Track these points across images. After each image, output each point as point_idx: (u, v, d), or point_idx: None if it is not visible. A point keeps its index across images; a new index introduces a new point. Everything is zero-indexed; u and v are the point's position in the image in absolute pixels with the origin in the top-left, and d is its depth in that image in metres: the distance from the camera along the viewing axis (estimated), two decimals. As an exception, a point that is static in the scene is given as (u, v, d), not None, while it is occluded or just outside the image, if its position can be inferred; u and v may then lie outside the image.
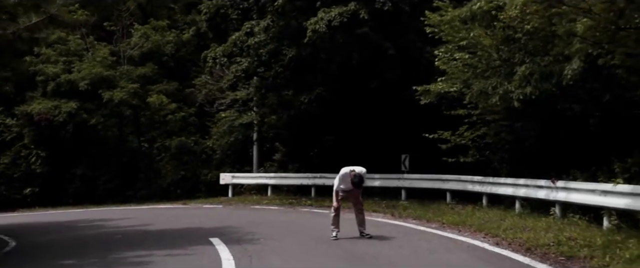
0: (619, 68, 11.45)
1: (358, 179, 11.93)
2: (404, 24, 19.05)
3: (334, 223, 12.39)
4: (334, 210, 12.59)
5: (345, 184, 12.27)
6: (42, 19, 12.91)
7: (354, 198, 12.47)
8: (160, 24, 29.79)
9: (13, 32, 12.41)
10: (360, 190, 12.42)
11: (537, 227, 12.15)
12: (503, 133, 16.59)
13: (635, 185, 11.20)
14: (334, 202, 12.57)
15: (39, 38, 14.84)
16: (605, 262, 8.66)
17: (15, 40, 12.69)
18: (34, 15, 12.71)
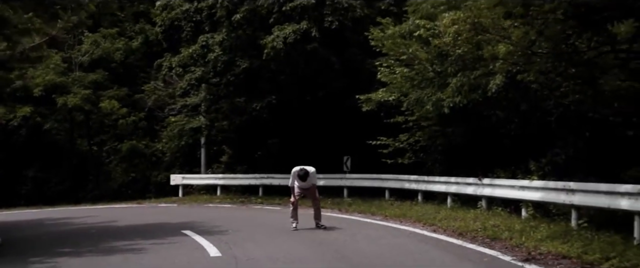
0: (533, 83, 13.68)
1: (303, 172, 13.79)
2: (347, 39, 21.13)
3: (293, 216, 14.17)
4: (291, 204, 14.37)
5: (299, 182, 14.11)
6: (45, 39, 14.38)
7: (311, 194, 14.30)
8: (110, 32, 31.02)
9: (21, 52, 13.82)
10: (308, 184, 14.14)
11: (466, 217, 14.27)
12: (436, 137, 18.72)
13: (547, 181, 13.44)
14: (292, 197, 14.33)
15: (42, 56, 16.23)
16: (521, 241, 10.76)
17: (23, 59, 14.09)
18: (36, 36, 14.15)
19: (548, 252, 9.72)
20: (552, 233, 11.09)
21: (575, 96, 13.73)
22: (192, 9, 23.80)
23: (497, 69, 13.60)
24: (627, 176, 11.58)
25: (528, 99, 15.07)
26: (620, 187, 10.68)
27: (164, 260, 10.58)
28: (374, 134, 19.76)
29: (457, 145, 18.08)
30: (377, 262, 9.67)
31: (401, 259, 9.99)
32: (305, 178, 13.89)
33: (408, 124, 19.09)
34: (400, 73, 17.60)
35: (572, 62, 11.95)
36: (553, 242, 10.31)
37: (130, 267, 10.00)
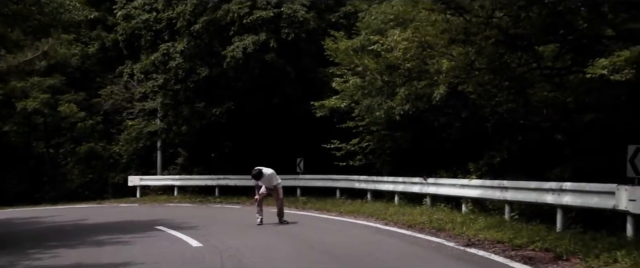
0: (472, 93, 15.50)
1: (256, 172, 15.30)
2: (302, 49, 22.74)
3: (258, 211, 15.68)
4: (255, 200, 15.85)
5: (267, 182, 15.62)
6: (37, 54, 15.56)
7: (275, 193, 15.81)
8: (66, 38, 31.84)
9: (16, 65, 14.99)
10: (267, 183, 15.60)
11: (413, 212, 16.03)
12: (385, 141, 20.44)
13: (484, 180, 15.30)
14: (256, 195, 15.83)
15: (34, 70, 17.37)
16: (462, 231, 12.52)
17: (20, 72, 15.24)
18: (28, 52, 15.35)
19: (485, 238, 11.50)
20: (488, 224, 12.90)
21: (509, 105, 15.64)
22: (152, 18, 25.08)
23: (441, 80, 15.33)
24: (551, 175, 13.43)
25: (467, 107, 16.94)
26: (546, 184, 12.56)
27: (152, 249, 11.91)
28: (327, 137, 21.33)
29: (404, 149, 19.83)
30: (341, 249, 11.24)
31: (361, 246, 11.61)
32: (258, 177, 15.38)
33: (358, 128, 20.72)
34: (353, 82, 19.26)
35: (506, 76, 13.76)
36: (489, 230, 12.10)
37: (123, 255, 11.29)
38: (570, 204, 11.79)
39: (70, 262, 10.84)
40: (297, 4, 22.29)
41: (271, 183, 15.67)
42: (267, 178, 15.58)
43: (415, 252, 10.81)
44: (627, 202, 10.17)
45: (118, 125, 31.28)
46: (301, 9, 22.11)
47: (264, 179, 15.54)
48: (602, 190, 10.96)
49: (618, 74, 8.27)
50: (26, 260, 11.17)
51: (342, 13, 23.90)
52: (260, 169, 15.40)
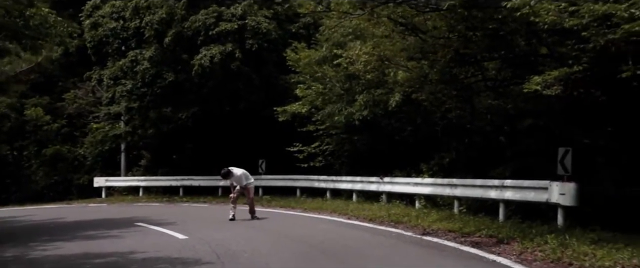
0: (425, 101, 17.30)
1: (225, 171, 16.81)
2: (264, 58, 24.30)
3: (232, 208, 17.16)
4: (230, 197, 17.34)
5: (236, 181, 17.10)
6: (31, 66, 16.77)
7: (246, 191, 17.32)
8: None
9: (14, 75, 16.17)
10: (237, 181, 17.07)
11: (372, 208, 17.75)
12: (343, 143, 22.14)
13: (436, 179, 17.13)
14: (231, 193, 17.32)
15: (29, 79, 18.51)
16: (418, 222, 14.27)
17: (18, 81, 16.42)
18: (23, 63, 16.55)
19: (438, 228, 13.27)
20: (440, 217, 14.69)
21: (457, 111, 17.51)
22: (119, 27, 26.33)
23: (397, 89, 17.13)
24: (495, 173, 15.26)
25: (420, 113, 18.77)
26: (490, 182, 14.41)
27: (145, 241, 13.25)
28: (290, 140, 22.91)
29: (361, 151, 21.57)
30: (313, 239, 12.82)
31: (331, 237, 13.23)
32: (226, 177, 16.93)
33: (319, 132, 22.36)
34: (315, 89, 20.90)
35: (455, 86, 15.59)
36: (441, 222, 13.89)
37: (122, 246, 12.62)
38: (510, 198, 13.66)
39: (76, 252, 12.13)
40: (259, 15, 23.85)
41: (241, 183, 17.15)
42: (237, 178, 17.06)
43: (379, 241, 12.49)
44: (558, 196, 12.02)
45: (82, 128, 32.25)
46: (264, 20, 23.70)
47: (234, 179, 17.02)
48: (537, 186, 12.81)
49: (549, 89, 10.05)
50: (34, 251, 12.43)
51: (301, 24, 25.57)
52: (229, 169, 16.89)
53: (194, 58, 23.36)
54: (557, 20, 9.18)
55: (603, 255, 8.85)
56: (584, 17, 8.83)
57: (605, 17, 8.69)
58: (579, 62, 9.87)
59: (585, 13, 8.78)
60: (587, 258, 8.87)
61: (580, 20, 8.88)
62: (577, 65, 9.84)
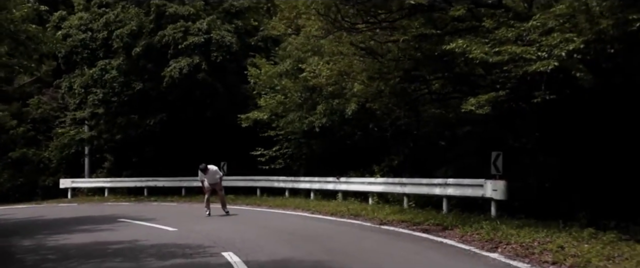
0: (377, 110, 19.83)
1: (203, 166, 19.08)
2: (227, 68, 26.50)
3: (206, 205, 19.34)
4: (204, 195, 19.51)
5: (210, 177, 19.25)
6: (32, 79, 18.62)
7: (218, 188, 19.52)
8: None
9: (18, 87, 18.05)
10: (211, 178, 19.31)
11: (331, 204, 20.17)
12: (302, 147, 24.52)
13: (387, 178, 19.69)
14: (204, 192, 19.50)
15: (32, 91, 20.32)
16: (374, 215, 16.76)
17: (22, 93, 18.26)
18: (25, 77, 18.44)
19: (393, 219, 15.78)
20: (393, 211, 17.23)
21: (405, 119, 20.07)
22: (88, 38, 28.15)
23: (353, 100, 19.60)
24: (438, 173, 17.85)
25: (373, 120, 21.29)
26: (434, 180, 17.02)
27: (140, 233, 15.25)
28: (252, 144, 25.13)
29: (318, 154, 23.99)
30: (288, 229, 15.12)
31: (302, 227, 15.59)
32: (205, 171, 19.09)
33: (278, 137, 24.68)
34: (277, 100, 23.25)
35: (404, 98, 18.16)
36: (395, 214, 16.42)
37: (120, 237, 14.61)
38: (452, 194, 16.30)
39: (86, 241, 14.15)
40: (223, 30, 26.08)
41: (214, 178, 19.36)
42: (211, 174, 19.30)
43: (345, 229, 14.95)
44: (491, 191, 14.66)
45: (47, 133, 33.80)
46: (227, 34, 25.92)
47: (209, 174, 19.24)
48: (474, 184, 15.43)
49: (481, 109, 12.64)
50: (47, 242, 14.41)
51: (260, 37, 27.87)
52: (206, 165, 19.11)
53: (164, 69, 25.40)
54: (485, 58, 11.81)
55: (525, 235, 11.45)
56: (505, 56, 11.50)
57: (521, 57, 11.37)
58: (504, 88, 12.56)
59: (506, 53, 11.45)
60: (512, 237, 11.47)
61: (503, 57, 11.54)
62: (503, 90, 12.53)
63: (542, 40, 11.40)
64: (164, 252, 11.81)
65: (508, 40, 11.95)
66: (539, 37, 11.63)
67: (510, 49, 11.39)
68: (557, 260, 9.48)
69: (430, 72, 15.80)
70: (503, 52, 11.46)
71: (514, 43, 11.85)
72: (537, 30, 11.75)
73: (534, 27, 11.79)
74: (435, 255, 10.85)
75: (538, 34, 11.71)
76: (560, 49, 10.79)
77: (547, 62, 10.88)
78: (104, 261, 11.14)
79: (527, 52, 11.14)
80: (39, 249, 13.23)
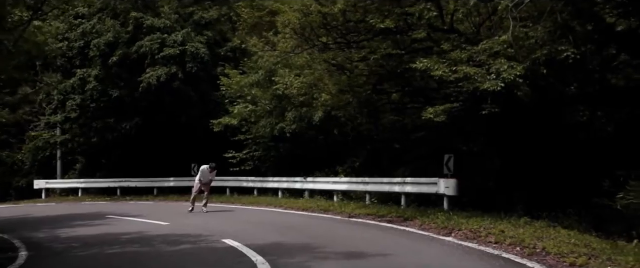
0: (342, 117, 22.23)
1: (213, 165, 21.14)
2: (200, 77, 28.58)
3: (191, 203, 21.35)
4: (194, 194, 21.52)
5: (203, 178, 21.29)
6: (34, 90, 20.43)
7: (206, 188, 21.57)
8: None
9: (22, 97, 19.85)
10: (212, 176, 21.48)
11: (300, 202, 22.41)
12: (270, 150, 26.75)
13: (351, 178, 22.07)
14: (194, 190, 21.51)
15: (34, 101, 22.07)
16: (342, 210, 19.05)
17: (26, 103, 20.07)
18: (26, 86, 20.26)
19: (360, 213, 18.14)
20: (358, 206, 19.58)
21: (366, 126, 22.51)
22: (64, 47, 29.86)
23: (320, 108, 21.93)
24: (397, 173, 20.29)
25: (337, 127, 23.67)
26: (394, 180, 19.46)
27: (138, 227, 17.19)
28: (224, 147, 27.23)
29: (285, 156, 26.24)
30: (268, 222, 17.33)
31: (281, 220, 17.78)
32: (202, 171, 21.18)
33: (248, 141, 26.86)
34: (251, 109, 25.43)
35: (367, 108, 20.57)
36: (360, 209, 18.78)
37: (123, 230, 16.52)
38: (410, 192, 18.77)
39: (95, 233, 16.07)
40: (196, 42, 28.17)
41: (207, 178, 21.35)
42: (204, 173, 21.32)
43: (319, 222, 17.25)
44: (444, 189, 17.14)
45: (20, 136, 35.28)
46: (201, 46, 28.02)
47: (202, 173, 21.26)
48: (429, 182, 17.91)
49: (438, 118, 15.11)
50: (57, 234, 16.27)
51: (229, 48, 30.02)
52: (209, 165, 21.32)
53: (143, 77, 27.34)
54: (445, 76, 14.29)
55: (473, 223, 13.91)
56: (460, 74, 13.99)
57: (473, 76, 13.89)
58: (458, 100, 15.08)
59: (461, 72, 13.95)
60: (463, 225, 13.92)
61: (459, 75, 14.03)
62: (457, 103, 15.05)
63: (490, 62, 13.92)
64: (171, 240, 13.88)
65: (462, 61, 14.44)
66: (487, 59, 14.16)
67: (465, 69, 13.87)
68: (498, 241, 11.95)
69: (393, 86, 18.22)
70: (459, 72, 13.93)
71: (467, 63, 14.34)
72: (485, 53, 14.28)
73: (483, 51, 14.32)
74: (401, 239, 13.24)
75: (486, 56, 14.24)
76: (508, 73, 13.32)
77: (495, 83, 13.41)
78: (124, 247, 13.23)
79: (478, 73, 13.63)
80: (57, 240, 15.07)
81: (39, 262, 11.90)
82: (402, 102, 20.06)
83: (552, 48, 13.57)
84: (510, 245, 11.52)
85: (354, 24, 16.32)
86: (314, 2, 15.68)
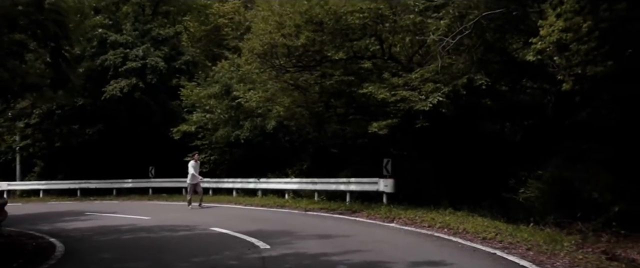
0: (293, 126, 25.75)
1: None
2: (159, 88, 31.60)
3: (188, 202, 24.28)
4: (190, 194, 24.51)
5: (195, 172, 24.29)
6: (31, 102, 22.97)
7: (198, 187, 24.54)
8: None
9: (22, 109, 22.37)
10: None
11: (256, 200, 25.80)
12: (225, 154, 30.00)
13: (301, 178, 25.60)
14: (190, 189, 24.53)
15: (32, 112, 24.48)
16: (297, 205, 22.55)
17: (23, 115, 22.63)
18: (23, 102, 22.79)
19: (313, 208, 21.70)
20: (309, 202, 23.14)
21: (313, 134, 26.12)
22: (30, 58, 32.31)
23: (273, 118, 25.38)
24: (341, 175, 23.92)
25: (288, 134, 27.19)
26: (340, 180, 23.11)
27: (122, 221, 20.00)
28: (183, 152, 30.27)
29: (239, 160, 29.56)
30: (241, 214, 20.59)
31: (247, 214, 21.09)
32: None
33: (204, 146, 30.04)
34: (208, 118, 28.67)
35: (316, 119, 24.17)
36: (312, 205, 22.34)
37: (113, 223, 19.42)
38: (354, 190, 22.44)
39: (91, 226, 19.02)
40: (155, 56, 31.19)
41: (196, 179, 24.35)
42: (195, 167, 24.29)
43: (281, 215, 20.69)
44: (383, 187, 20.87)
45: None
46: (160, 60, 31.06)
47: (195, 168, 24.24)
48: (371, 182, 21.61)
49: (381, 131, 18.87)
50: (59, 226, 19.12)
51: (183, 61, 33.13)
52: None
53: (106, 88, 30.17)
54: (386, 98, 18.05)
55: (409, 213, 17.66)
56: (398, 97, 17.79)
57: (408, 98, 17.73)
58: (396, 116, 18.87)
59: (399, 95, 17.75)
60: (402, 215, 17.64)
61: (397, 98, 17.83)
62: (395, 118, 18.84)
63: (422, 87, 17.76)
64: (167, 229, 16.98)
65: (399, 86, 18.24)
66: (419, 84, 18.00)
67: (402, 93, 17.66)
68: (431, 225, 15.74)
69: (341, 103, 21.91)
70: (397, 94, 17.71)
71: (403, 87, 18.14)
72: (417, 79, 18.11)
73: (415, 77, 18.15)
74: (355, 225, 16.88)
75: (418, 82, 18.08)
76: (434, 96, 17.18)
77: (425, 103, 17.27)
78: (133, 233, 16.37)
79: (413, 95, 17.44)
80: (66, 231, 17.68)
81: (76, 244, 14.75)
82: (345, 115, 23.68)
83: (470, 76, 17.50)
84: (440, 228, 15.30)
85: (311, 53, 19.90)
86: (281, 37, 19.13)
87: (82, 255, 12.92)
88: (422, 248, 12.47)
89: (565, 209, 15.28)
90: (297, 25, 18.94)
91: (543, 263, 10.58)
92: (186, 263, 11.19)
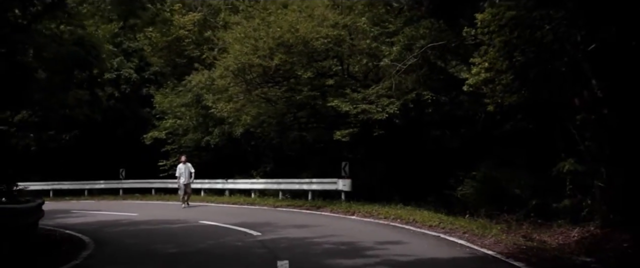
0: (259, 133, 28.87)
1: None
2: (130, 96, 34.32)
3: (182, 201, 26.86)
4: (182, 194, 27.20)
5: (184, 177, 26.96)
6: None
7: (188, 188, 27.25)
8: None
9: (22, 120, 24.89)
10: None
11: (225, 199, 28.82)
12: (194, 157, 32.81)
13: (267, 179, 28.76)
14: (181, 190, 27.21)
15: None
16: (265, 203, 25.69)
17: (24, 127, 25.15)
18: None
19: (280, 205, 24.86)
20: (276, 200, 26.31)
21: (277, 140, 29.30)
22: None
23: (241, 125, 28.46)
24: (302, 175, 27.10)
25: (254, 139, 30.32)
26: (303, 180, 26.33)
27: (111, 217, 22.84)
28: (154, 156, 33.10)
29: (207, 163, 32.48)
30: (216, 211, 23.55)
31: (224, 211, 24.07)
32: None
33: (174, 150, 32.91)
34: (178, 123, 31.60)
35: (280, 127, 27.37)
36: (280, 202, 25.53)
37: (102, 219, 22.07)
38: (316, 189, 25.71)
39: (89, 221, 21.75)
40: (128, 67, 33.93)
41: (189, 171, 27.02)
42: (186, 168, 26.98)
43: (254, 211, 23.79)
44: (342, 186, 24.13)
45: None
46: (132, 72, 33.82)
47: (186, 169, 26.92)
48: (330, 182, 24.85)
49: (344, 138, 22.22)
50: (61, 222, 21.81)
51: (151, 71, 35.93)
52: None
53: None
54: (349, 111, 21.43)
55: (367, 208, 20.94)
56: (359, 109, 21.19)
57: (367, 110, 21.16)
58: (356, 126, 22.25)
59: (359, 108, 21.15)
60: (360, 209, 20.94)
61: (358, 110, 21.22)
62: (355, 128, 22.22)
63: (378, 101, 21.19)
64: (161, 223, 19.90)
65: (359, 100, 21.64)
66: (376, 99, 21.43)
67: (363, 106, 21.06)
68: (386, 216, 19.13)
69: (304, 114, 25.20)
70: (359, 107, 21.11)
71: (362, 101, 21.55)
72: (374, 95, 21.55)
73: (372, 93, 21.60)
74: (322, 218, 20.16)
75: (375, 97, 21.51)
76: (389, 108, 20.62)
77: (381, 115, 20.72)
78: (135, 226, 19.28)
79: (371, 108, 20.85)
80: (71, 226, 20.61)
81: (95, 235, 17.44)
82: (307, 123, 26.94)
83: (417, 92, 21.03)
84: (394, 219, 18.72)
85: (282, 72, 23.15)
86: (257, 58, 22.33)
87: (111, 242, 15.67)
88: (383, 233, 15.83)
89: (495, 203, 18.62)
90: (271, 48, 22.17)
91: (475, 241, 14.05)
92: (204, 244, 14.30)
